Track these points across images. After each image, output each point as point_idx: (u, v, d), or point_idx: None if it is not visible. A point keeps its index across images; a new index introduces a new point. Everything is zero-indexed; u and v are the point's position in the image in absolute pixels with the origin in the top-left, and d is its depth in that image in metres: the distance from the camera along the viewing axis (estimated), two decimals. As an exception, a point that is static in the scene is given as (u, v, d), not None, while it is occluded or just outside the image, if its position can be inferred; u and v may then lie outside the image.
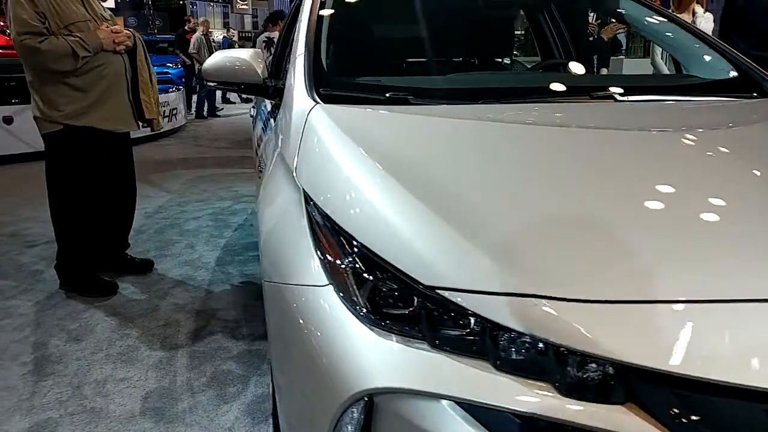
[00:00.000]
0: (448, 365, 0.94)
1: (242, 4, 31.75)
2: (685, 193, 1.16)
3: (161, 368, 2.33)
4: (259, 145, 2.31)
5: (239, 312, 2.82)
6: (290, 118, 1.63)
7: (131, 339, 2.57)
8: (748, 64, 2.03)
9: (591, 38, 3.92)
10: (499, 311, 0.93)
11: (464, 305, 0.95)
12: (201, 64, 10.12)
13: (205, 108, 10.78)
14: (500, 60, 2.76)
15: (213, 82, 2.11)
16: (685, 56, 2.24)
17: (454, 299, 0.96)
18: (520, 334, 0.91)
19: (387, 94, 1.66)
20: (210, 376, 2.26)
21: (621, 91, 1.74)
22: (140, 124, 3.08)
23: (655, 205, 1.12)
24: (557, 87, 1.81)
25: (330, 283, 1.12)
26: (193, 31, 11.16)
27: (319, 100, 1.61)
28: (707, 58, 2.10)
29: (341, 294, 1.09)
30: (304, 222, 1.26)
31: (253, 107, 3.89)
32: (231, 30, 24.70)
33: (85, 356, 2.43)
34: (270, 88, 2.01)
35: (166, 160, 6.74)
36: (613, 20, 4.16)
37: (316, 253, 1.18)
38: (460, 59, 2.54)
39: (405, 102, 1.63)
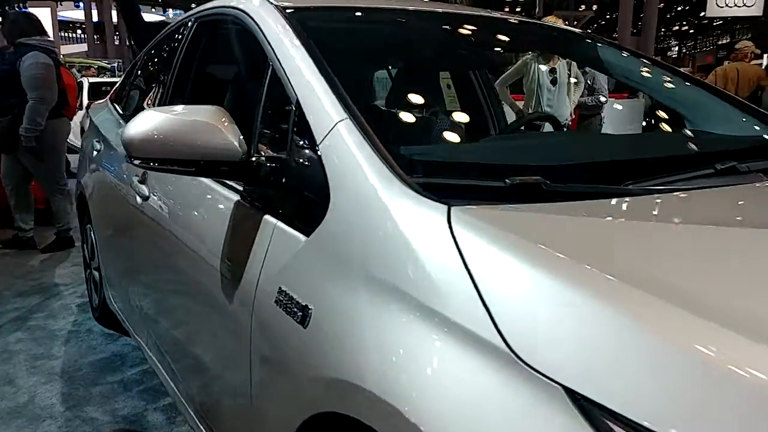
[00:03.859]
0: None
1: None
2: None
3: None
4: (212, 262, 1.47)
5: (144, 489, 1.88)
6: (398, 239, 0.95)
7: None
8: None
9: None
10: None
11: None
12: None
13: None
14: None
15: (141, 159, 1.29)
16: (691, 109, 2.02)
17: None
18: None
19: (507, 181, 1.09)
20: None
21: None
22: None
23: None
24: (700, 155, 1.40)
25: None
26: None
27: (426, 198, 0.98)
28: (723, 110, 1.91)
29: None
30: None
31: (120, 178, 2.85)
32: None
33: None
34: (262, 169, 1.26)
35: None
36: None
37: None
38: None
39: (539, 191, 1.08)
